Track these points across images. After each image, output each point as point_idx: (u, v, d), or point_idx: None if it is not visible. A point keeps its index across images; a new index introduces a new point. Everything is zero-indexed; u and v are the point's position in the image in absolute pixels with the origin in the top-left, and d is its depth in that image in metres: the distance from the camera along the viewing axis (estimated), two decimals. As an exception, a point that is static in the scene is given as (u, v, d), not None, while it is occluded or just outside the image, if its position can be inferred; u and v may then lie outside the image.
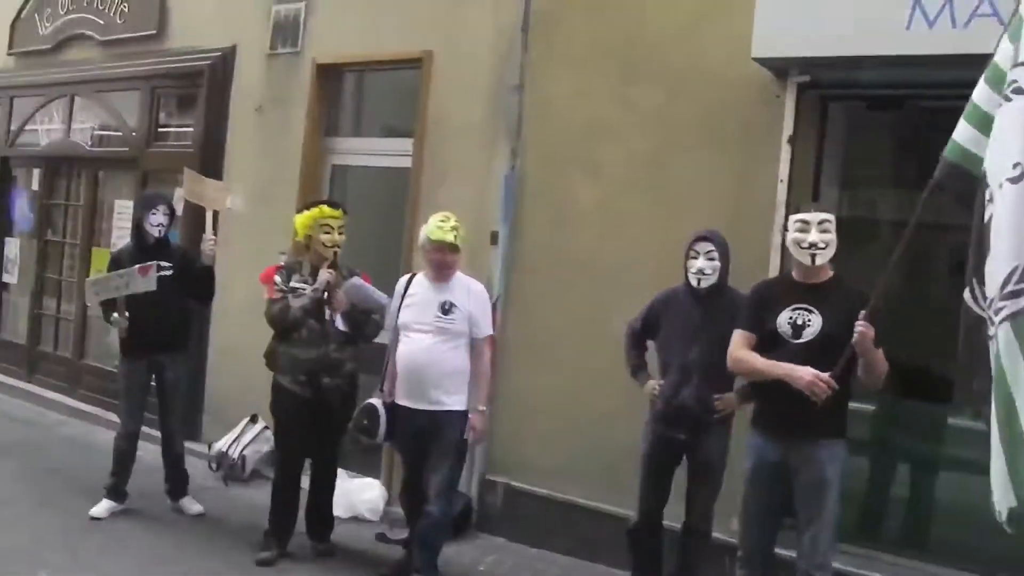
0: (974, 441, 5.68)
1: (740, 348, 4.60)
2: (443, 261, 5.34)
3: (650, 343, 5.33)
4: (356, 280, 5.72)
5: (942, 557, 5.23)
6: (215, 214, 6.40)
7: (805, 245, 4.38)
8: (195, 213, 6.85)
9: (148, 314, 6.28)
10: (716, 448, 4.99)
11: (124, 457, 6.50)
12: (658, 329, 5.22)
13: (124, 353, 6.50)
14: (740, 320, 4.67)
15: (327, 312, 5.72)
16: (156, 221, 6.37)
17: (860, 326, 4.09)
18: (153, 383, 6.58)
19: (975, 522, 5.47)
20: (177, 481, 6.67)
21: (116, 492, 6.49)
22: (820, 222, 4.38)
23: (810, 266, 4.40)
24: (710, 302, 5.01)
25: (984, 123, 3.76)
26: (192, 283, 6.44)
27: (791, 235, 4.44)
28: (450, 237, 5.29)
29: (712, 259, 4.98)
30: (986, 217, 3.54)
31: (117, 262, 6.43)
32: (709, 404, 4.94)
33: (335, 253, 5.74)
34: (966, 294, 3.67)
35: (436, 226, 5.33)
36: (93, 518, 6.31)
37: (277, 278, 5.78)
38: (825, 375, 4.23)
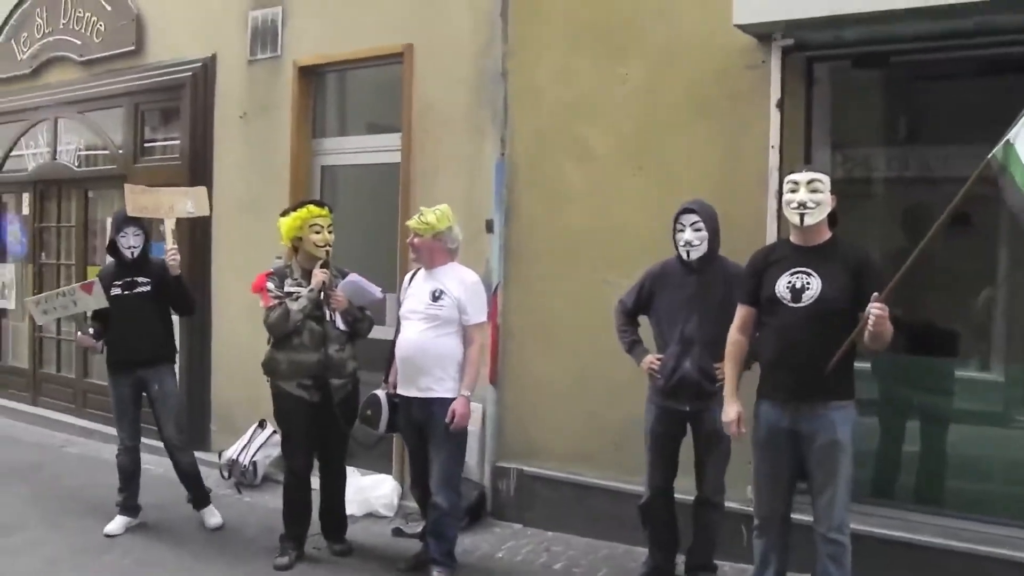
0: (982, 392, 5.75)
1: (734, 331, 4.66)
2: (413, 244, 5.45)
3: (641, 318, 5.35)
4: (352, 276, 5.71)
5: (957, 509, 5.24)
6: (175, 222, 6.31)
7: (794, 205, 4.36)
8: (180, 225, 6.75)
9: (129, 330, 6.30)
10: (720, 417, 4.99)
11: (127, 472, 6.49)
12: (651, 304, 5.22)
13: (110, 370, 6.49)
14: (739, 292, 4.68)
15: (327, 312, 5.71)
16: (127, 244, 6.32)
17: (875, 308, 4.04)
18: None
19: (987, 472, 5.53)
20: (194, 491, 6.63)
21: (127, 507, 6.49)
22: (809, 182, 4.35)
23: (800, 226, 4.37)
24: (703, 272, 5.02)
25: None
26: (169, 297, 6.39)
27: (784, 197, 4.44)
28: (413, 222, 5.40)
29: (699, 230, 4.99)
30: None
31: (101, 279, 6.36)
32: (711, 373, 4.94)
33: (327, 252, 5.74)
34: None
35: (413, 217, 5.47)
36: (108, 535, 6.30)
37: (269, 285, 5.74)
38: (735, 426, 4.56)
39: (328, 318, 5.73)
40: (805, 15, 5.04)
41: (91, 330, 6.37)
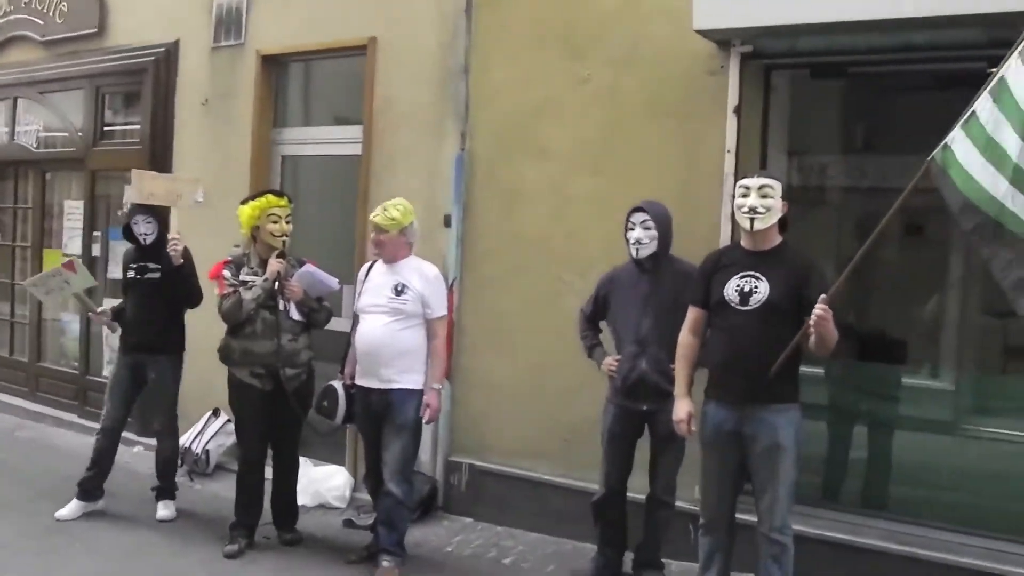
0: (929, 400, 5.85)
1: (685, 332, 4.73)
2: (377, 240, 5.45)
3: (604, 324, 5.41)
4: (307, 267, 5.73)
5: (901, 513, 5.33)
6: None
7: (745, 209, 4.41)
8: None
9: (136, 314, 6.38)
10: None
11: (100, 453, 6.41)
12: (607, 308, 5.28)
13: (119, 349, 6.60)
14: (690, 293, 4.74)
15: (280, 302, 5.72)
16: (140, 231, 6.33)
17: (819, 309, 4.12)
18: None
19: (932, 478, 5.62)
20: (163, 480, 6.54)
21: (87, 491, 6.41)
22: (760, 187, 4.41)
23: (750, 231, 4.43)
24: (655, 272, 5.09)
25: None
26: (176, 287, 6.33)
27: (736, 201, 4.49)
28: (379, 219, 5.40)
29: (648, 228, 5.04)
30: None
31: (123, 259, 6.51)
32: (668, 372, 4.98)
33: (284, 243, 5.75)
34: None
35: (375, 212, 5.46)
36: (59, 520, 6.25)
37: (226, 272, 5.75)
38: (685, 424, 4.63)
39: (282, 308, 5.74)
40: (763, 23, 5.11)
41: (109, 309, 6.50)
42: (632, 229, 5.08)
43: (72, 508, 6.36)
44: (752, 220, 4.40)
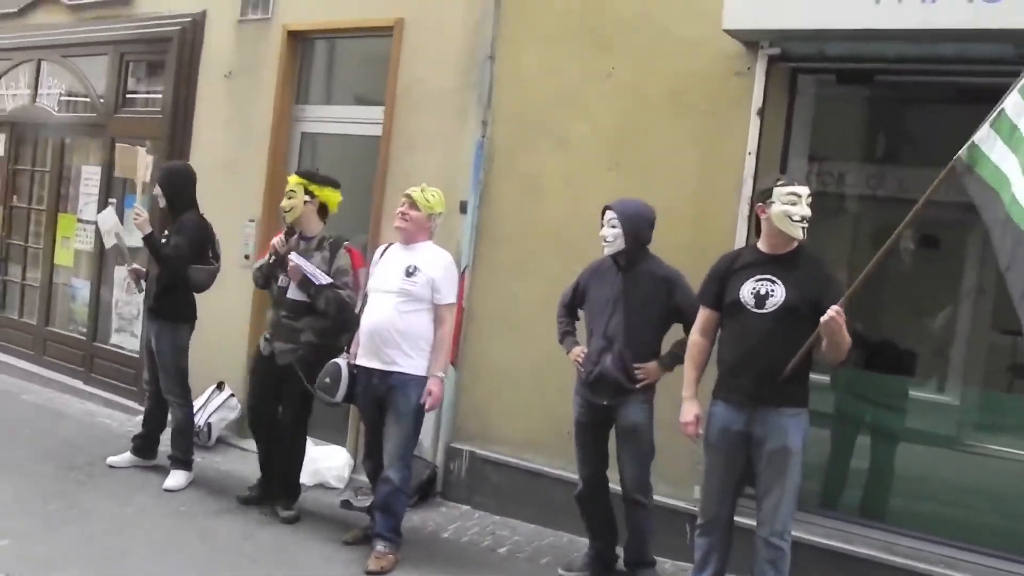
0: (935, 413, 5.84)
1: (695, 333, 4.74)
2: (400, 212, 5.47)
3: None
4: (293, 256, 5.76)
5: (898, 525, 5.31)
6: (143, 185, 6.39)
7: (797, 218, 4.37)
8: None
9: (150, 281, 6.60)
10: (638, 414, 5.05)
11: (146, 415, 6.79)
12: (585, 298, 5.31)
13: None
14: (701, 294, 4.73)
15: (280, 278, 5.86)
16: (156, 193, 6.56)
17: (833, 311, 4.12)
18: None
19: (932, 492, 5.61)
20: (175, 449, 6.56)
21: (138, 447, 6.74)
22: (808, 195, 4.41)
23: (800, 238, 4.41)
24: (630, 271, 5.09)
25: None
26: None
27: (780, 207, 4.38)
28: (416, 194, 5.45)
29: (614, 227, 5.04)
30: None
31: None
32: (630, 371, 5.00)
33: (289, 218, 5.92)
34: None
35: (414, 188, 5.51)
36: (110, 465, 6.65)
37: (274, 240, 5.96)
38: (693, 427, 4.62)
39: (281, 284, 5.86)
40: (792, 26, 5.09)
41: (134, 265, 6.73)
42: (602, 227, 5.09)
43: (123, 457, 6.70)
44: (804, 229, 4.39)
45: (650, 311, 4.94)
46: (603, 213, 5.12)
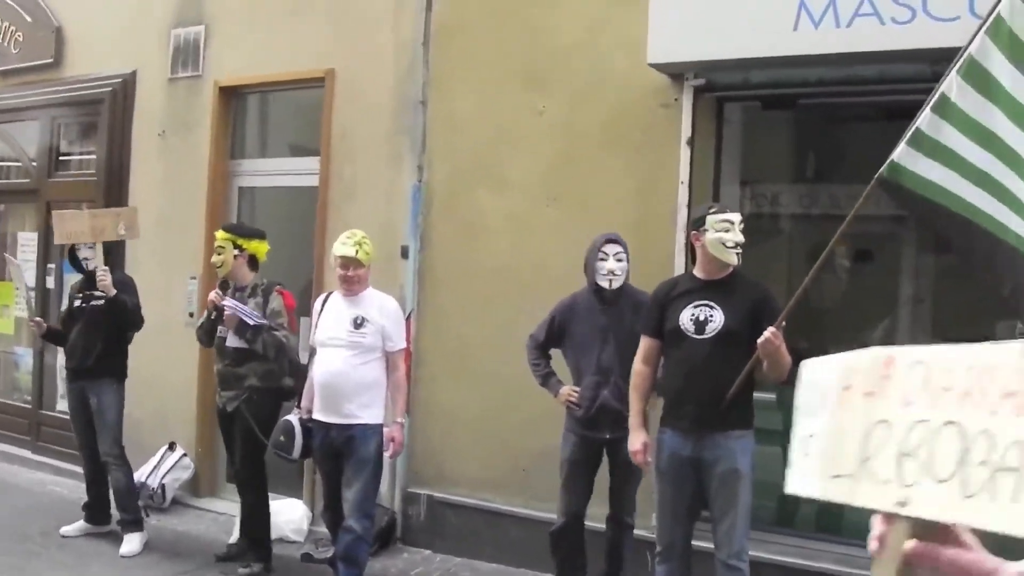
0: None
1: (638, 362, 4.75)
2: (347, 276, 5.38)
3: (554, 352, 5.41)
4: (227, 300, 5.79)
5: (855, 538, 5.37)
6: (105, 244, 6.33)
7: (731, 244, 4.45)
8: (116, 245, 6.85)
9: (78, 341, 6.46)
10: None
11: (89, 477, 6.64)
12: (563, 337, 5.29)
13: (65, 378, 6.75)
14: (643, 324, 4.78)
15: (219, 329, 5.92)
16: (82, 256, 6.45)
17: (768, 332, 4.19)
18: None
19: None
20: (122, 512, 6.47)
21: (91, 514, 6.65)
22: (740, 221, 4.49)
23: (735, 264, 4.48)
24: (615, 302, 5.11)
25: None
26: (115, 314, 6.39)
27: (714, 234, 4.45)
28: (352, 252, 5.32)
29: (620, 260, 5.08)
30: None
31: (70, 290, 6.75)
32: (628, 401, 5.02)
33: (224, 272, 5.99)
34: None
35: (340, 242, 5.40)
36: (63, 536, 6.52)
37: (211, 295, 5.99)
38: (641, 455, 4.65)
39: (220, 335, 5.92)
40: (715, 57, 5.21)
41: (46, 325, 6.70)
42: (605, 259, 5.08)
43: (77, 526, 6.61)
44: (739, 255, 4.46)
45: (638, 338, 4.88)
46: (601, 247, 5.09)
